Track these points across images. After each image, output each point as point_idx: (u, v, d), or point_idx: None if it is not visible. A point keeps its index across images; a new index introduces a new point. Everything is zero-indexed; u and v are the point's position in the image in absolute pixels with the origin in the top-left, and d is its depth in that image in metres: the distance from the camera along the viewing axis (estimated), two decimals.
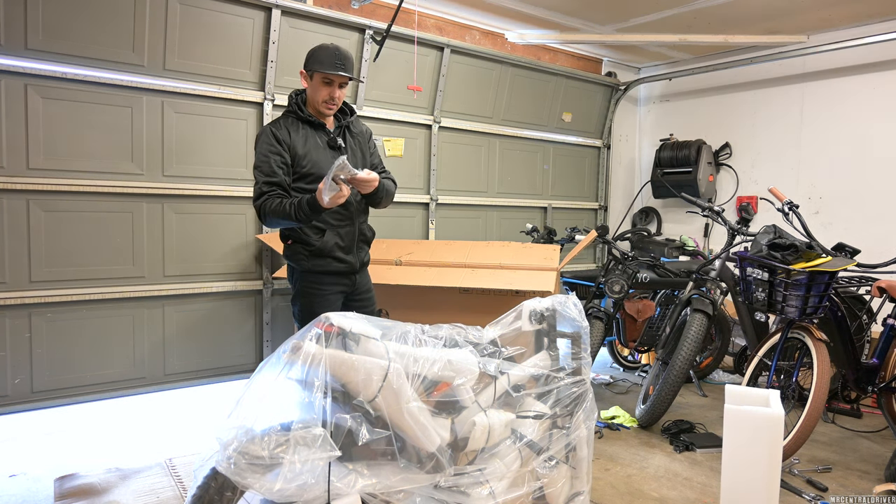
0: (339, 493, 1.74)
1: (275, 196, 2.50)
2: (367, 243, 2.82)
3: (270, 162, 2.52)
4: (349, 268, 2.70)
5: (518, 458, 2.05)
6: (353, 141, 2.78)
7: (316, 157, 2.62)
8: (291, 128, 2.61)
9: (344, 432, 1.81)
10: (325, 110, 2.63)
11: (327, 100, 2.60)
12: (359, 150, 2.79)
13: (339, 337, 1.85)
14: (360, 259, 2.76)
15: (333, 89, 2.60)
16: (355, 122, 2.83)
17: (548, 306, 2.20)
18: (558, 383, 2.13)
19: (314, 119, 2.64)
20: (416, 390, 1.94)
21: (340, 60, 2.57)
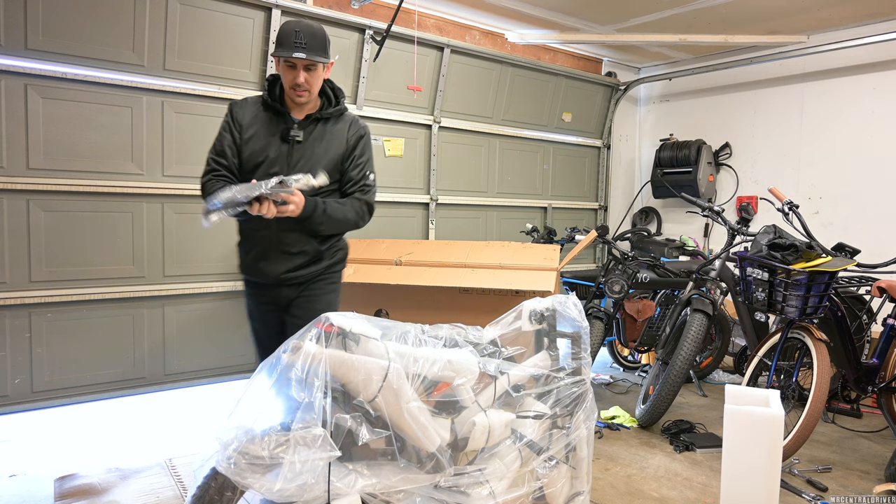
0: (339, 493, 1.74)
1: (219, 178, 2.25)
2: (296, 253, 2.35)
3: (223, 140, 2.29)
4: (266, 279, 2.36)
5: (518, 458, 2.05)
6: (322, 138, 2.36)
7: (258, 146, 2.29)
8: (255, 109, 2.33)
9: (344, 432, 1.81)
10: (294, 97, 2.27)
11: (293, 86, 2.24)
12: (323, 151, 2.35)
13: (339, 337, 1.85)
14: (282, 270, 2.33)
15: (297, 73, 2.22)
16: (341, 117, 2.41)
17: (548, 306, 2.20)
18: (558, 383, 2.13)
19: (277, 106, 2.31)
20: (416, 390, 1.94)
21: (300, 40, 2.19)
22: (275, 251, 2.32)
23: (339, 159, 2.37)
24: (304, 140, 2.30)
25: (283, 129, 2.30)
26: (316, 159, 2.32)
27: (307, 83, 2.24)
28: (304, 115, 2.33)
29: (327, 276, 2.43)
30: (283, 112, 2.32)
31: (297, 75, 2.22)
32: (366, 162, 2.43)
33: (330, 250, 2.43)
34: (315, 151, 2.33)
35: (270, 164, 2.28)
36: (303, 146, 2.30)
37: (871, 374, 3.28)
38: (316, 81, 2.27)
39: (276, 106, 2.31)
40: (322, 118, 2.35)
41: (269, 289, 2.38)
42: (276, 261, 2.32)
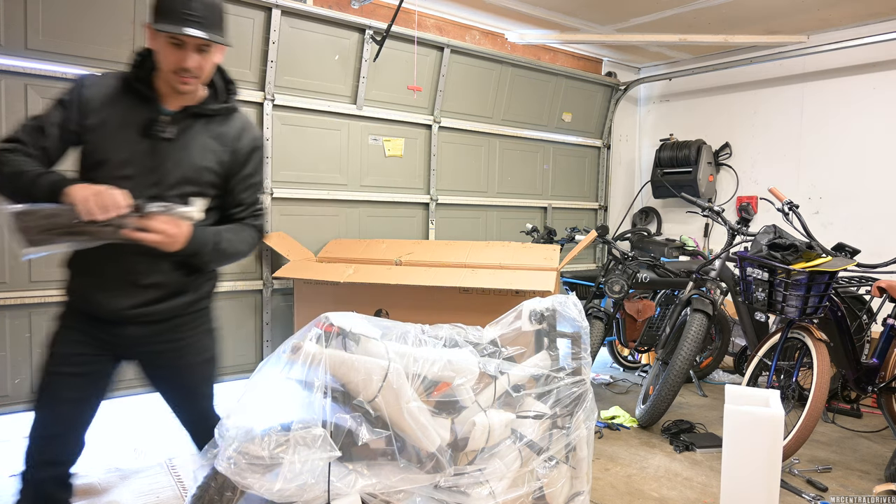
0: (339, 493, 1.74)
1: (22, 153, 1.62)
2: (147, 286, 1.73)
3: (49, 116, 1.67)
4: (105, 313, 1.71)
5: (518, 458, 2.05)
6: (200, 141, 1.74)
7: (104, 138, 1.66)
8: (110, 89, 1.70)
9: (344, 432, 1.81)
10: (176, 84, 1.66)
11: (177, 70, 1.64)
12: (200, 158, 1.74)
13: (339, 337, 1.85)
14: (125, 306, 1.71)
15: (186, 55, 1.63)
16: (230, 118, 1.82)
17: (548, 306, 2.20)
18: (558, 383, 2.13)
19: (143, 89, 1.70)
20: (416, 390, 1.94)
21: (194, 12, 1.61)
22: (118, 281, 1.69)
23: (223, 174, 1.78)
24: (175, 139, 1.70)
25: (145, 119, 1.68)
26: (189, 167, 1.71)
27: (199, 69, 1.65)
28: (180, 107, 1.73)
29: (193, 314, 1.84)
30: (149, 98, 1.70)
31: (185, 57, 1.63)
32: (259, 183, 1.89)
33: (196, 281, 1.83)
34: (189, 157, 1.71)
35: (119, 167, 1.64)
36: (172, 147, 1.69)
37: (871, 374, 3.28)
38: (208, 67, 1.69)
39: (141, 89, 1.69)
40: (204, 114, 1.75)
41: (105, 325, 1.72)
42: (119, 294, 1.69)
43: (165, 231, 1.58)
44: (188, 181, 1.72)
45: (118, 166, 1.66)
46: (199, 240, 1.68)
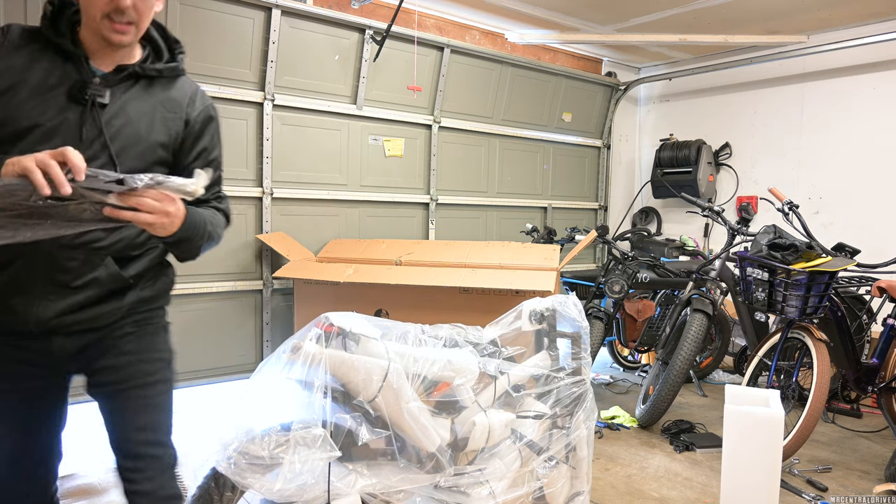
0: (339, 493, 1.74)
1: None
2: (79, 287, 1.36)
3: None
4: (22, 325, 1.34)
5: (518, 458, 2.05)
6: (143, 108, 1.41)
7: (23, 104, 1.31)
8: (25, 44, 1.35)
9: (344, 432, 1.81)
10: (110, 34, 1.33)
11: (108, 14, 1.32)
12: (147, 128, 1.41)
13: (339, 337, 1.86)
14: (52, 313, 1.34)
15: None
16: (176, 81, 1.49)
17: (548, 306, 2.20)
18: (558, 383, 2.13)
19: (65, 44, 1.35)
20: (416, 390, 1.94)
21: None
22: (41, 281, 1.32)
23: (173, 148, 1.46)
24: (112, 104, 1.37)
25: (74, 81, 1.34)
26: (132, 139, 1.38)
27: (135, 11, 1.33)
28: (114, 66, 1.39)
29: (143, 316, 1.48)
30: (75, 55, 1.35)
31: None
32: (218, 160, 1.57)
33: (145, 276, 1.47)
34: (132, 126, 1.39)
35: (44, 138, 1.29)
36: (109, 114, 1.36)
37: (871, 374, 3.28)
38: (147, 11, 1.38)
39: (63, 44, 1.35)
40: (145, 75, 1.42)
41: (27, 339, 1.35)
42: (44, 297, 1.33)
43: (164, 210, 1.22)
44: (132, 156, 1.38)
45: (42, 138, 1.28)
46: (193, 220, 1.35)
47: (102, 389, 1.46)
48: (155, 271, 1.51)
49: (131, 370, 1.44)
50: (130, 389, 1.44)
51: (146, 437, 1.44)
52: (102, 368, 1.43)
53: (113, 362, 1.43)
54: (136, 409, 1.44)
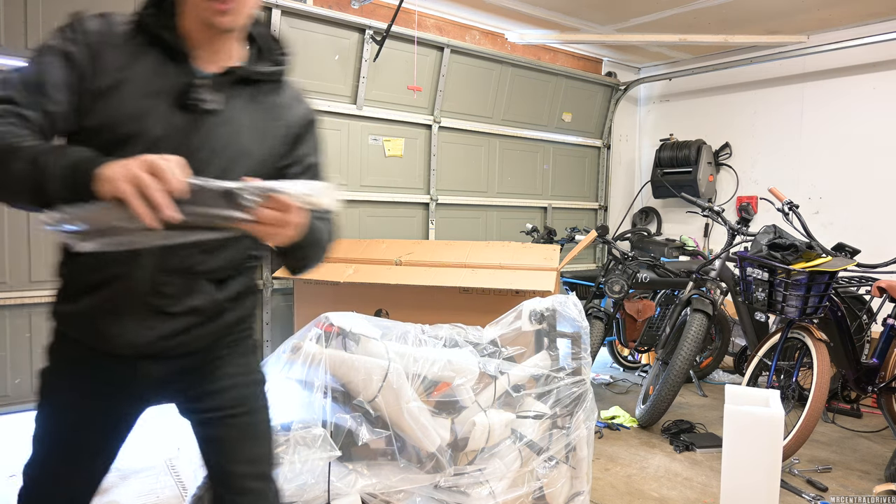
0: (339, 493, 1.74)
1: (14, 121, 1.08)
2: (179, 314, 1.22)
3: (49, 71, 1.14)
4: (113, 349, 1.21)
5: (518, 458, 2.05)
6: (254, 116, 1.26)
7: (127, 107, 1.14)
8: (128, 38, 1.17)
9: (344, 432, 1.81)
10: (212, 16, 1.14)
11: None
12: (259, 139, 1.26)
13: (339, 337, 1.86)
14: (148, 339, 1.20)
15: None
16: (281, 86, 1.32)
17: (548, 306, 2.20)
18: (558, 383, 2.13)
19: (176, 43, 1.18)
20: (416, 390, 1.94)
21: None
22: (139, 305, 1.19)
23: (277, 159, 1.30)
24: (221, 111, 1.21)
25: (179, 83, 1.17)
26: (240, 151, 1.23)
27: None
28: (221, 68, 1.23)
29: (236, 336, 1.36)
30: (180, 52, 1.18)
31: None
32: (318, 165, 1.40)
33: (239, 298, 1.34)
34: (242, 136, 1.23)
35: (146, 149, 1.06)
36: (216, 123, 1.20)
37: (871, 374, 3.28)
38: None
39: (167, 38, 1.17)
40: (254, 79, 1.26)
41: (112, 361, 1.23)
42: (139, 322, 1.20)
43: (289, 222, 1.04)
44: (240, 171, 1.19)
45: (144, 149, 1.05)
46: (313, 226, 1.20)
47: (203, 416, 1.33)
48: (248, 289, 1.38)
49: (232, 395, 1.32)
50: (234, 417, 1.32)
51: (252, 471, 1.33)
52: (201, 394, 1.31)
53: (211, 387, 1.31)
54: (241, 440, 1.32)
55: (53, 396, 1.28)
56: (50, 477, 1.28)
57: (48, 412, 1.29)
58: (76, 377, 1.25)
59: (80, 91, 1.14)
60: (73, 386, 1.25)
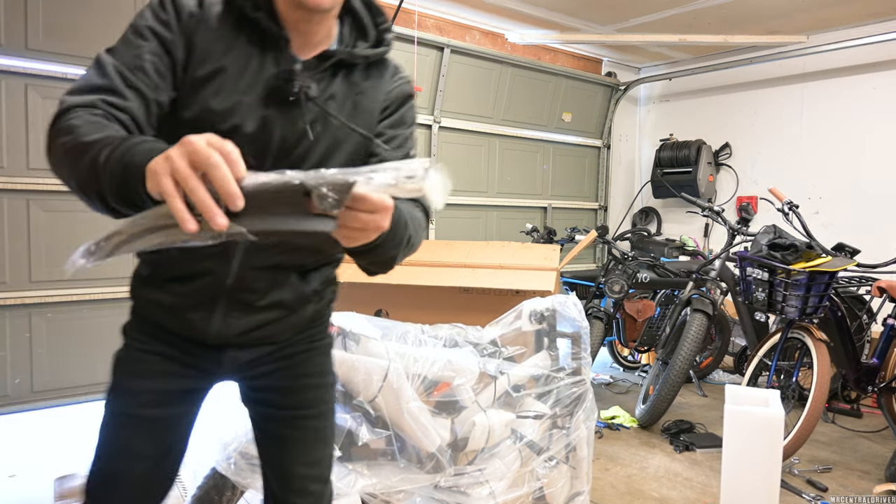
0: (339, 494, 1.74)
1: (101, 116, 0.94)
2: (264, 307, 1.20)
3: (142, 55, 1.01)
4: (195, 333, 1.19)
5: (518, 458, 2.05)
6: (342, 102, 1.13)
7: (224, 100, 1.06)
8: (218, 21, 1.07)
9: (344, 432, 1.82)
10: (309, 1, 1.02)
11: None
12: (348, 130, 1.14)
13: (339, 337, 1.86)
14: (235, 331, 1.19)
15: None
16: (381, 65, 1.20)
17: (548, 306, 2.20)
18: (558, 383, 2.13)
19: (271, 27, 1.07)
20: (416, 390, 1.94)
21: None
22: (227, 299, 1.17)
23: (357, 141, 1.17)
24: (318, 99, 1.10)
25: (276, 73, 1.08)
26: (340, 140, 1.14)
27: None
28: (317, 52, 1.11)
29: (316, 331, 1.33)
30: (275, 36, 1.07)
31: None
32: (410, 140, 1.26)
33: (322, 289, 1.29)
34: (340, 126, 1.13)
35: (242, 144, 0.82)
36: (316, 111, 1.11)
37: (871, 374, 3.28)
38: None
39: (262, 22, 1.06)
40: (353, 62, 1.14)
41: (199, 347, 1.21)
42: (227, 315, 1.18)
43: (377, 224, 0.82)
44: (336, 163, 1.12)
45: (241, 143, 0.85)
46: (396, 222, 0.93)
47: (274, 412, 1.30)
48: (330, 280, 1.32)
49: (308, 396, 1.30)
50: (306, 419, 1.29)
51: (313, 473, 1.31)
52: (278, 390, 1.29)
53: (290, 384, 1.29)
54: (309, 441, 1.30)
55: (131, 376, 1.23)
56: (128, 457, 1.21)
57: (126, 391, 1.23)
58: (156, 358, 1.22)
59: (177, 80, 1.06)
60: (152, 368, 1.22)
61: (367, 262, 1.06)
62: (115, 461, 1.20)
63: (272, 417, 1.29)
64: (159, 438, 1.22)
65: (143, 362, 1.22)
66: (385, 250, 0.99)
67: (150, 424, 1.20)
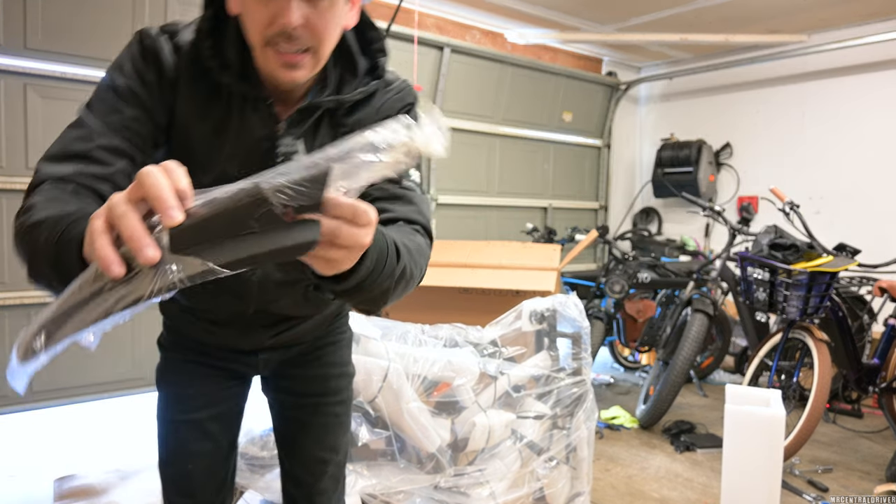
0: None
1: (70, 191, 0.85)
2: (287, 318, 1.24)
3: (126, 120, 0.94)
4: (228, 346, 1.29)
5: (518, 458, 2.05)
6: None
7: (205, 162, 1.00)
8: (194, 87, 0.98)
9: None
10: (279, 72, 0.92)
11: (272, 37, 0.89)
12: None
13: None
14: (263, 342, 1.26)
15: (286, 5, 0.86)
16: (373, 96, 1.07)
17: (548, 306, 2.20)
18: (559, 383, 2.13)
19: (245, 90, 0.98)
20: (416, 390, 1.94)
21: None
22: (253, 320, 1.22)
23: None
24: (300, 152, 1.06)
25: (258, 138, 1.01)
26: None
27: (311, 32, 0.90)
28: (297, 105, 1.01)
29: (340, 323, 1.38)
30: (256, 97, 0.99)
31: (282, 8, 0.86)
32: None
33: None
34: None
35: None
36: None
37: (872, 374, 3.27)
38: (330, 30, 0.92)
39: (233, 87, 0.98)
40: (339, 108, 1.04)
41: (235, 355, 1.30)
42: (256, 332, 1.24)
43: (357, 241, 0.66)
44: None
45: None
46: (378, 247, 0.77)
47: (297, 400, 1.35)
48: None
49: (330, 385, 1.35)
50: (328, 405, 1.34)
51: (333, 458, 1.37)
52: (302, 378, 1.34)
53: (315, 373, 1.34)
54: (330, 427, 1.35)
55: (176, 385, 1.34)
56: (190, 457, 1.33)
57: (175, 398, 1.35)
58: (194, 365, 1.31)
59: (158, 143, 1.00)
60: (194, 374, 1.31)
61: (354, 299, 0.84)
62: (182, 463, 1.33)
63: (295, 405, 1.34)
64: (214, 435, 1.30)
65: (184, 373, 1.32)
66: (372, 283, 0.78)
67: (203, 425, 1.29)
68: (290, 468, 1.37)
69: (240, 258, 0.57)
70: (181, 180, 0.57)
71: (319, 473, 1.34)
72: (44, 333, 0.59)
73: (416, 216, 0.99)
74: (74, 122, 0.94)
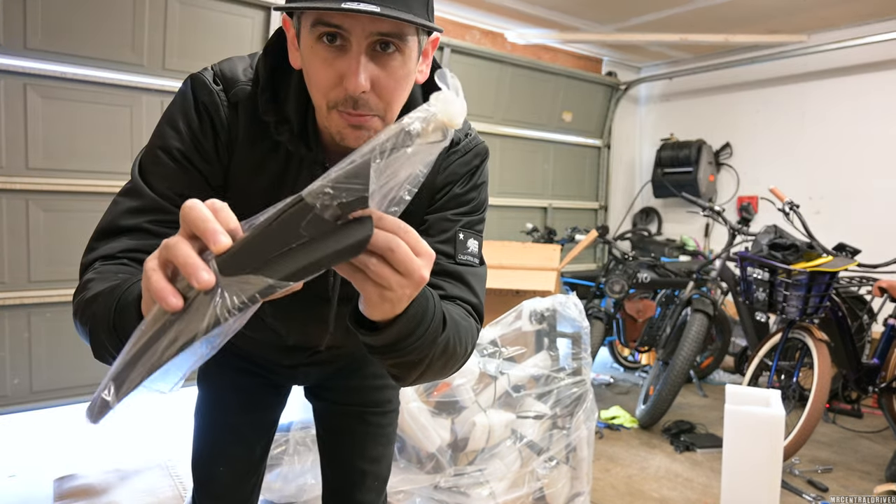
0: None
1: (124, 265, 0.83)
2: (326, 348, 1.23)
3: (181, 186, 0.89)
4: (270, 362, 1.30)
5: (518, 458, 2.05)
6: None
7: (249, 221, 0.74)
8: (249, 140, 0.93)
9: None
10: (344, 131, 0.83)
11: (336, 100, 0.80)
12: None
13: None
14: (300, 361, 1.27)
15: (350, 62, 0.77)
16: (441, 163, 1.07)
17: (548, 306, 2.20)
18: (558, 383, 2.13)
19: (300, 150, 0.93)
20: (415, 390, 1.94)
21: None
22: (291, 347, 1.23)
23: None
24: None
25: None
26: None
27: (379, 94, 0.82)
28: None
29: None
30: (313, 160, 0.94)
31: (349, 67, 0.78)
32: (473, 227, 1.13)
33: None
34: None
35: None
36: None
37: (871, 374, 3.28)
38: (400, 89, 0.85)
39: (289, 146, 0.93)
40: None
41: (275, 368, 1.30)
42: (289, 356, 1.26)
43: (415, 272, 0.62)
44: None
45: None
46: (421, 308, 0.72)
47: (340, 408, 1.34)
48: None
49: (373, 396, 1.33)
50: (371, 415, 1.32)
51: (374, 470, 1.35)
52: (344, 388, 1.33)
53: (357, 384, 1.32)
54: (370, 437, 1.33)
55: (217, 389, 1.32)
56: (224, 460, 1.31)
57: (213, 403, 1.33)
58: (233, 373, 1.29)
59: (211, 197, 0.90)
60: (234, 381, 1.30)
61: (388, 358, 0.75)
62: (214, 464, 1.30)
63: (338, 412, 1.34)
64: (249, 440, 1.31)
65: (225, 376, 1.30)
66: (410, 344, 0.72)
67: (240, 429, 1.30)
68: (331, 478, 1.35)
69: (296, 269, 0.56)
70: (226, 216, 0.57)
71: (359, 485, 1.32)
72: (113, 385, 0.58)
73: (469, 297, 0.96)
74: (126, 190, 0.90)
